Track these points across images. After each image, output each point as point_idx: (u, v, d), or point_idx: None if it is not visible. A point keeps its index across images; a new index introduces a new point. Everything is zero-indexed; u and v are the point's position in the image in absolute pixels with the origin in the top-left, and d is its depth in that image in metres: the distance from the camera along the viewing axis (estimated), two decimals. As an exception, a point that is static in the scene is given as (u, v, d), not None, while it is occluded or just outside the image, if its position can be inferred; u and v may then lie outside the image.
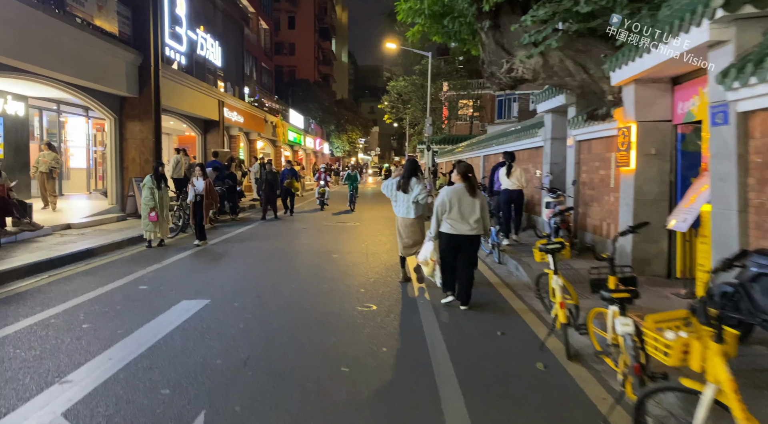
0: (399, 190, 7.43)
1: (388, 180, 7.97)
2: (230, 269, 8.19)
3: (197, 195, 10.58)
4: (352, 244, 10.97)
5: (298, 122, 40.46)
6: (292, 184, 16.37)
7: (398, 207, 7.55)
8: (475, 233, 6.12)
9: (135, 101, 14.09)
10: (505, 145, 14.93)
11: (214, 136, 20.88)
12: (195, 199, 10.58)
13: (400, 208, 7.52)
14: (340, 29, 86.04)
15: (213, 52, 19.92)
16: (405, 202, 7.41)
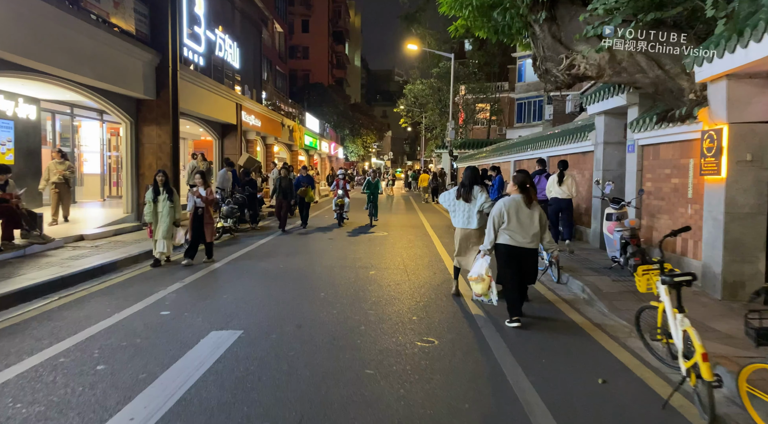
0: (459, 199, 6.96)
1: (448, 191, 7.35)
2: (259, 290, 7.33)
3: (198, 208, 9.18)
4: (386, 258, 10.08)
5: (314, 126, 39.75)
6: (307, 192, 14.40)
7: (457, 217, 7.06)
8: (534, 246, 5.90)
9: (152, 104, 13.33)
10: (544, 150, 13.99)
11: (231, 140, 20.12)
12: (196, 212, 9.17)
13: (459, 219, 7.03)
14: (354, 33, 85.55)
15: (231, 54, 19.20)
16: (465, 212, 6.94)
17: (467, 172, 7.07)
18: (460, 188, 6.97)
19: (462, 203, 6.93)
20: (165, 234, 8.84)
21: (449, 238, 13.08)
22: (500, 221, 5.88)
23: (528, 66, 40.79)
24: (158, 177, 9.01)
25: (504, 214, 5.84)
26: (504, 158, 19.49)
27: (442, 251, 11.11)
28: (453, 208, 7.05)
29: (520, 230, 5.82)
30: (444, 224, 16.69)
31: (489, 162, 22.64)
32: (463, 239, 7.04)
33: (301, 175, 14.85)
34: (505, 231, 5.87)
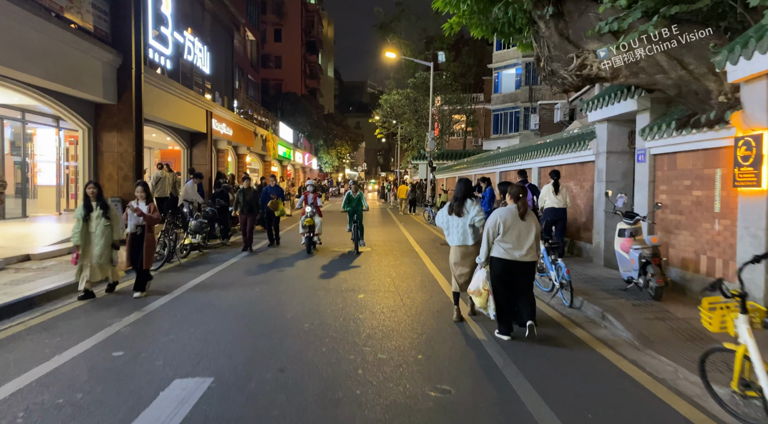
0: (452, 214, 6.51)
1: (442, 210, 6.74)
2: (232, 320, 6.29)
3: (137, 226, 7.59)
4: (374, 278, 9.12)
5: (288, 136, 38.66)
6: (277, 205, 12.61)
7: (452, 235, 6.56)
8: (530, 259, 5.67)
9: (113, 109, 12.17)
10: (535, 160, 13.28)
11: (201, 150, 18.95)
12: (135, 232, 7.59)
13: (455, 236, 6.52)
14: (327, 43, 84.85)
15: (201, 58, 18.09)
16: (460, 228, 6.46)
17: (459, 185, 6.58)
18: (453, 203, 6.52)
19: (455, 219, 6.47)
20: (99, 259, 7.27)
21: (438, 253, 12.20)
22: (495, 233, 5.64)
23: (504, 77, 40.63)
24: (89, 190, 7.41)
25: (500, 225, 5.61)
26: (488, 169, 18.79)
27: (432, 268, 10.22)
28: (447, 226, 6.56)
29: (515, 242, 5.60)
30: (429, 238, 15.82)
31: (470, 173, 21.95)
32: (461, 257, 6.51)
33: (269, 185, 13.11)
34: (500, 244, 5.64)
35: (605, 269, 9.34)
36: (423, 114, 42.14)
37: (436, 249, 13.16)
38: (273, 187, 13.07)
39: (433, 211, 20.58)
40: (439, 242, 14.55)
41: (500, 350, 5.34)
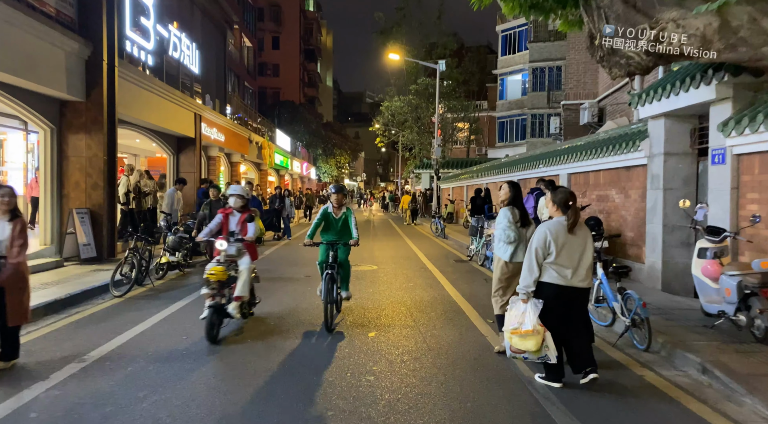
0: (518, 225, 5.56)
1: (502, 220, 5.64)
2: (202, 383, 4.63)
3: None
4: (386, 307, 7.45)
5: (285, 144, 37.12)
6: None
7: (520, 250, 5.48)
8: (587, 285, 4.61)
9: (80, 107, 10.55)
10: (565, 166, 11.67)
11: (189, 156, 17.32)
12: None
13: (520, 251, 5.48)
14: (325, 52, 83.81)
15: (189, 57, 16.54)
16: (524, 242, 5.47)
17: (515, 190, 5.75)
18: (514, 210, 5.60)
19: (522, 231, 5.56)
20: None
21: (455, 273, 10.54)
22: (545, 253, 4.48)
23: (510, 83, 39.26)
24: None
25: (550, 243, 4.45)
26: (502, 178, 17.16)
27: (453, 292, 8.57)
28: (514, 238, 5.50)
29: (570, 264, 4.46)
30: (441, 253, 14.17)
31: (481, 182, 20.36)
32: (515, 275, 5.37)
33: None
34: (551, 266, 4.48)
35: (665, 295, 7.70)
36: (425, 122, 40.69)
37: (452, 267, 11.51)
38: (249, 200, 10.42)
39: (441, 223, 18.95)
40: (453, 259, 12.91)
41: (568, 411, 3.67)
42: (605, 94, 14.18)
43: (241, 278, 6.02)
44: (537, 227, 5.27)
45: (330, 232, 6.73)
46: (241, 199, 6.45)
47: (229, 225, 6.32)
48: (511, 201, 5.83)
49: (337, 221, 6.70)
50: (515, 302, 4.60)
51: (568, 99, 15.32)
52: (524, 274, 4.52)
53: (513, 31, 38.55)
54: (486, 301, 7.81)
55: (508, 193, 5.86)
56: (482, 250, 11.91)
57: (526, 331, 4.38)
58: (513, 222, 5.61)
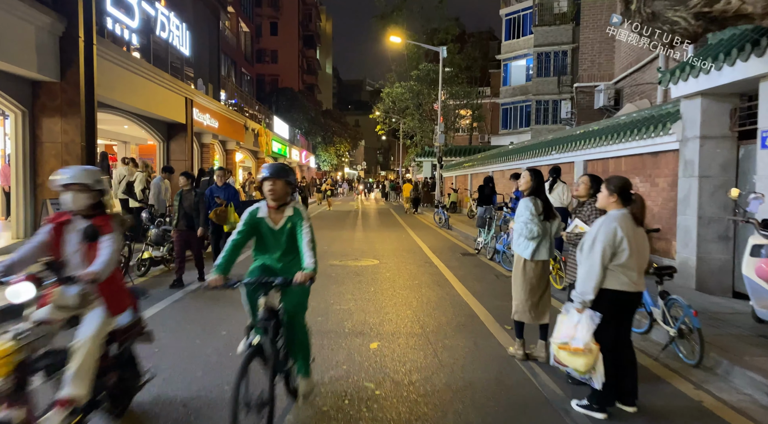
0: (542, 217, 4.88)
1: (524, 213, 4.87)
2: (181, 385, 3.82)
3: None
4: (390, 310, 6.63)
5: (283, 132, 36.17)
6: (225, 216, 8.53)
7: (543, 247, 4.90)
8: (644, 289, 3.87)
9: (55, 88, 9.68)
10: (581, 152, 10.81)
11: (180, 143, 16.45)
12: None
13: (545, 248, 4.91)
14: (325, 38, 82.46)
15: (179, 37, 15.61)
16: (548, 237, 4.95)
17: (537, 179, 5.03)
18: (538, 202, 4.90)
19: (545, 225, 4.91)
20: None
21: (462, 267, 9.73)
22: (614, 252, 3.65)
23: (514, 69, 38.22)
24: None
25: (622, 240, 3.64)
26: (510, 165, 16.32)
27: (462, 290, 7.76)
28: (537, 233, 4.81)
29: (636, 264, 3.71)
30: (445, 246, 13.36)
31: (487, 170, 19.50)
32: (542, 275, 4.96)
33: (215, 185, 8.84)
34: (619, 269, 3.67)
35: (701, 296, 6.88)
36: (426, 108, 39.73)
37: (458, 262, 10.70)
38: (221, 187, 8.74)
39: (445, 212, 18.12)
40: (459, 252, 12.09)
41: None
42: (623, 75, 13.26)
43: (74, 360, 3.00)
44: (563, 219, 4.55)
45: (266, 255, 3.72)
46: (80, 191, 3.18)
47: (63, 247, 3.24)
48: (533, 191, 5.05)
49: (277, 234, 3.60)
50: (568, 311, 3.80)
51: (581, 81, 14.40)
52: (582, 279, 3.70)
53: (517, 15, 37.45)
54: (500, 302, 7.02)
55: (530, 182, 5.06)
56: (491, 243, 11.11)
57: (576, 348, 3.60)
58: (536, 214, 4.82)
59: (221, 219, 8.56)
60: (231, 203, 8.68)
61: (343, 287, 7.92)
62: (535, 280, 4.91)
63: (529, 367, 4.66)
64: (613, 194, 3.79)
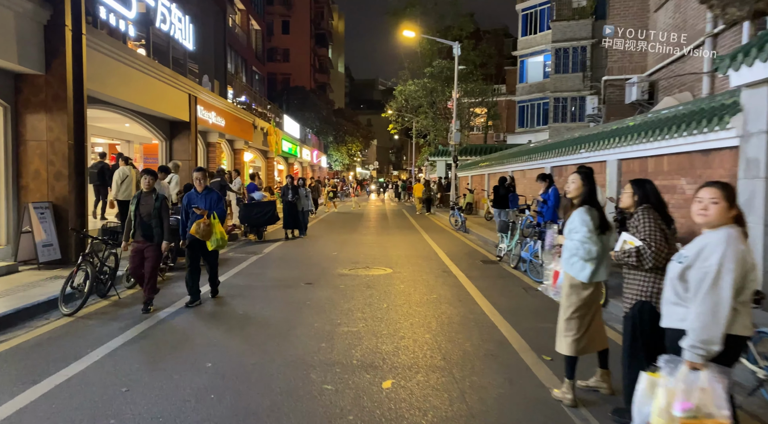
0: (599, 232, 3.97)
1: (578, 219, 4.03)
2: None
3: None
4: (405, 334, 5.71)
5: (294, 131, 35.38)
6: (209, 230, 6.77)
7: (602, 266, 3.99)
8: None
9: (39, 82, 8.88)
10: (616, 150, 9.80)
11: (183, 142, 15.67)
12: None
13: (603, 268, 4.00)
14: (337, 37, 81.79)
15: (182, 31, 14.80)
16: (604, 253, 3.97)
17: (590, 183, 4.12)
18: (596, 211, 4.03)
19: (603, 239, 4.00)
20: None
21: (485, 278, 8.77)
22: (743, 285, 2.73)
23: (531, 65, 37.12)
24: None
25: (754, 269, 2.77)
26: (531, 164, 15.31)
27: (487, 307, 6.82)
28: (595, 254, 3.90)
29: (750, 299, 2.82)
30: (463, 251, 12.40)
31: (505, 170, 18.50)
32: (593, 300, 4.08)
33: (194, 191, 7.03)
34: (741, 307, 2.74)
35: None
36: (440, 106, 38.75)
37: (479, 271, 9.75)
38: (202, 193, 6.93)
39: (462, 215, 17.14)
40: (479, 259, 11.14)
41: None
42: (658, 66, 12.18)
43: None
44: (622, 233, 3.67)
45: None
46: None
47: None
48: (587, 198, 4.12)
49: None
50: (675, 367, 2.76)
51: (611, 74, 13.35)
52: (705, 322, 2.68)
53: (534, 10, 36.36)
54: (533, 322, 6.08)
55: (581, 186, 4.15)
56: (515, 250, 10.15)
57: (710, 421, 2.58)
58: (593, 229, 3.89)
59: (205, 235, 6.75)
60: (214, 214, 6.88)
61: (352, 303, 7.02)
62: (592, 304, 4.02)
63: (583, 418, 3.72)
64: (734, 207, 2.85)
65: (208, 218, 6.78)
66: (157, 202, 6.49)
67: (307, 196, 15.30)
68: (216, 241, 6.86)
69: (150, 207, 6.48)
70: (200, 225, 6.69)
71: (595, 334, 4.11)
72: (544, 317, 6.30)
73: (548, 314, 6.49)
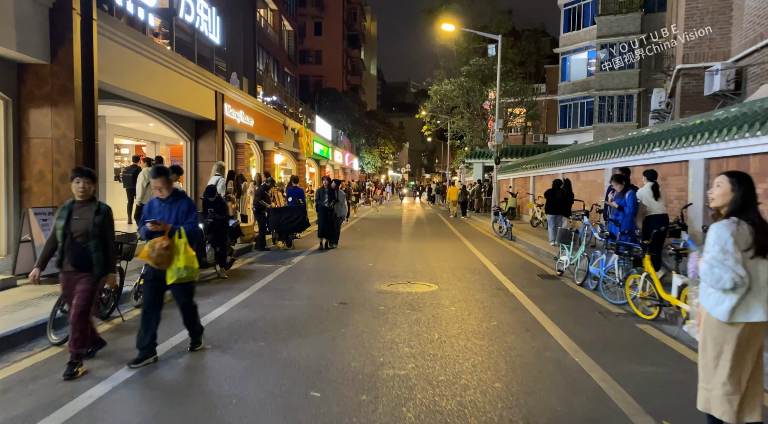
0: (750, 253, 2.84)
1: (714, 240, 2.89)
2: None
3: None
4: (467, 378, 4.44)
5: (326, 133, 34.41)
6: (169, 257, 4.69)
7: (751, 300, 2.85)
8: None
9: (44, 73, 7.94)
10: (701, 147, 8.29)
11: (209, 143, 14.72)
12: None
13: (755, 303, 2.86)
14: (369, 39, 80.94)
15: (208, 23, 13.87)
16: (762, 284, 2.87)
17: (744, 188, 2.94)
18: (748, 226, 2.85)
19: (757, 266, 2.85)
20: None
21: (551, 300, 7.36)
22: None
23: (574, 62, 35.33)
24: None
25: None
26: (587, 166, 13.79)
27: (563, 339, 5.48)
28: (729, 283, 2.79)
29: None
30: (515, 262, 11.02)
31: (556, 171, 17.00)
32: (747, 346, 2.89)
33: (156, 199, 4.96)
34: None
35: None
36: (477, 106, 37.29)
37: (540, 287, 8.39)
38: (166, 201, 4.90)
39: (507, 221, 15.73)
40: (536, 273, 9.74)
41: None
42: (748, 50, 10.56)
43: None
44: None
45: None
46: None
47: None
48: (738, 207, 2.83)
49: None
50: None
51: (686, 62, 11.74)
52: None
53: (577, 4, 34.60)
54: (633, 365, 4.67)
55: (729, 192, 2.89)
56: (580, 263, 8.74)
57: None
58: (736, 250, 2.62)
59: (161, 261, 4.65)
60: (180, 231, 4.73)
61: (396, 332, 5.76)
62: (737, 351, 2.76)
63: None
64: None
65: (170, 236, 4.68)
66: (98, 217, 4.52)
67: (339, 200, 13.45)
68: (178, 271, 4.67)
69: (87, 223, 4.50)
70: (154, 247, 4.61)
71: (750, 394, 2.87)
72: (645, 357, 4.95)
73: (648, 352, 5.14)
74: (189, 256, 4.75)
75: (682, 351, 5.21)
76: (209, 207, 9.10)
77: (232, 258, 9.85)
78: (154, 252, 4.63)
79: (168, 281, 4.74)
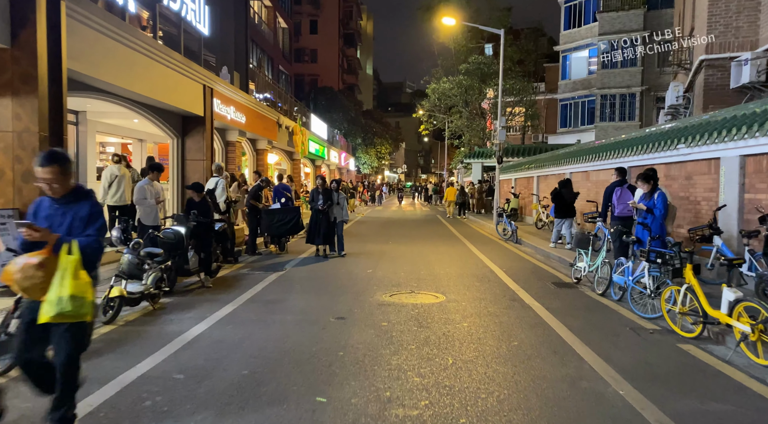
0: None
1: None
2: None
3: None
4: (493, 421, 3.62)
5: (321, 132, 33.54)
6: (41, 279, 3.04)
7: None
8: None
9: (3, 57, 7.08)
10: (733, 143, 7.49)
11: (197, 140, 13.84)
12: None
13: None
14: (365, 38, 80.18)
15: (195, 12, 13.00)
16: None
17: None
18: None
19: None
20: None
21: (571, 313, 6.53)
22: None
23: (575, 61, 34.60)
24: None
25: None
26: (597, 165, 12.99)
27: (597, 362, 4.68)
28: None
29: None
30: (525, 268, 10.20)
31: (562, 171, 16.21)
32: None
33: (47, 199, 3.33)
34: None
35: None
36: (476, 105, 36.55)
37: (558, 298, 7.58)
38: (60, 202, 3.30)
39: (512, 223, 14.92)
40: (550, 281, 8.93)
41: None
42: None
43: None
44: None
45: None
46: None
47: None
48: None
49: None
50: None
51: (710, 52, 10.95)
52: None
53: (578, 1, 33.85)
54: (689, 399, 3.79)
55: None
56: (601, 271, 7.93)
57: None
58: None
59: (31, 290, 3.10)
60: (72, 245, 3.13)
61: (402, 356, 4.93)
62: None
63: None
64: None
65: (55, 251, 3.11)
66: None
67: (339, 203, 11.68)
68: (59, 302, 3.02)
69: None
70: (25, 267, 3.07)
71: None
72: (701, 389, 4.15)
73: (703, 382, 4.32)
74: (80, 282, 3.10)
75: (742, 380, 4.40)
76: (192, 208, 8.23)
77: (218, 265, 9.00)
78: (22, 276, 3.06)
79: (41, 317, 3.05)
